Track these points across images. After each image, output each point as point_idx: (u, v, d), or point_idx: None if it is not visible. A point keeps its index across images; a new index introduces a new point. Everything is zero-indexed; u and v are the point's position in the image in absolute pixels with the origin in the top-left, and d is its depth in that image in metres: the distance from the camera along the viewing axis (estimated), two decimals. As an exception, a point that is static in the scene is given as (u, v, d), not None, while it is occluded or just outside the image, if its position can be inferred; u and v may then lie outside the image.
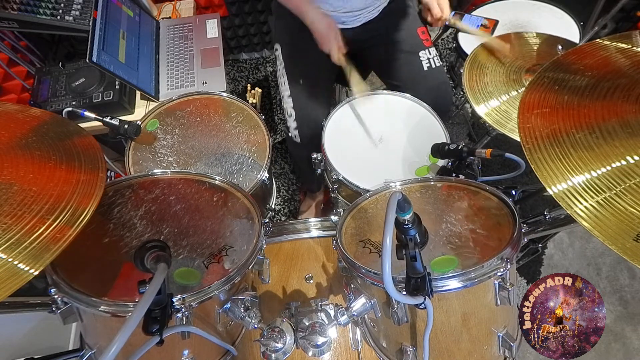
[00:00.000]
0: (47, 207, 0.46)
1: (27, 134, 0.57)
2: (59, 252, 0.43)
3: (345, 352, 0.77)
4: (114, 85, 1.18)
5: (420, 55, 1.14)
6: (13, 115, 0.62)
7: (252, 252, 0.64)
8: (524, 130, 0.56)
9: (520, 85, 1.00)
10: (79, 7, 1.25)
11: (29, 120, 0.61)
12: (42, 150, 0.55)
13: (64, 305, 0.53)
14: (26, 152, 0.53)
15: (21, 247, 0.42)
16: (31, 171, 0.50)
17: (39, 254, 0.42)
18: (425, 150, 0.89)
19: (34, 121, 0.61)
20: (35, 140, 0.56)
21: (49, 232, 0.44)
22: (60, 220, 0.46)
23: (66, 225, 0.45)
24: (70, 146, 0.58)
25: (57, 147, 0.57)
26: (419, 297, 0.48)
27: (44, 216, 0.45)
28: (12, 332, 1.07)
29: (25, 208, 0.45)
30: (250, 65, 2.12)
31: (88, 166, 0.55)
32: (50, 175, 0.51)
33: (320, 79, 1.15)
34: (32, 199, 0.46)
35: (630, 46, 0.62)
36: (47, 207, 0.46)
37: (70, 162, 0.55)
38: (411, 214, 0.48)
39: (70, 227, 0.45)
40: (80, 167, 0.54)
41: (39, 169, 0.51)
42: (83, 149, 0.58)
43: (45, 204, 0.46)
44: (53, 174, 0.51)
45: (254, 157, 0.92)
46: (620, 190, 0.46)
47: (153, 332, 0.45)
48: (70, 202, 0.48)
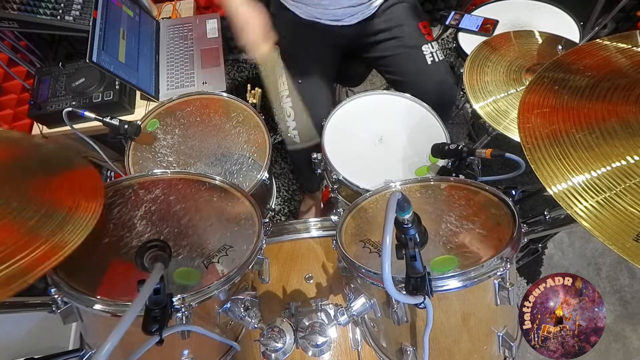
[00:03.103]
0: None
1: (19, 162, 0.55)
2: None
3: (345, 352, 0.77)
4: (114, 85, 1.18)
5: (423, 49, 1.13)
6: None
7: (252, 252, 0.64)
8: (524, 130, 0.56)
9: (520, 85, 1.00)
10: (79, 7, 1.26)
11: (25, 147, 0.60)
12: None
13: (64, 305, 0.53)
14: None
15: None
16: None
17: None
18: (425, 150, 0.89)
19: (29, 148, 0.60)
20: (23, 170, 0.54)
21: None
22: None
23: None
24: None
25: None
26: (418, 296, 0.48)
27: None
28: (12, 332, 1.07)
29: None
30: (250, 65, 2.12)
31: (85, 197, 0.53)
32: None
33: (319, 79, 1.14)
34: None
35: (630, 46, 0.62)
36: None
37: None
38: (411, 213, 0.48)
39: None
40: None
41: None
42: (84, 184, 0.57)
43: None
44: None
45: (254, 157, 0.92)
46: (620, 190, 0.46)
47: (153, 331, 0.45)
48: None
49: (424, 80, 1.12)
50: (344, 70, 1.31)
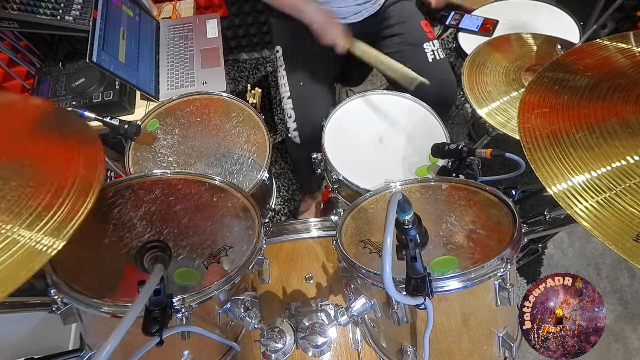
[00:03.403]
0: (58, 183, 0.48)
1: (34, 121, 0.60)
2: (78, 225, 0.44)
3: (345, 352, 0.77)
4: (114, 85, 1.18)
5: (424, 47, 1.13)
6: (16, 105, 0.64)
7: (252, 252, 0.64)
8: (524, 130, 0.56)
9: (519, 85, 1.00)
10: (79, 7, 1.25)
11: (33, 110, 0.63)
12: (46, 136, 0.57)
13: (64, 305, 0.53)
14: (33, 136, 0.56)
15: (43, 222, 0.43)
16: (38, 153, 0.52)
17: (60, 227, 0.43)
18: (425, 150, 0.89)
19: (37, 111, 0.63)
20: (41, 128, 0.59)
21: (65, 206, 0.45)
22: (72, 196, 0.47)
23: (78, 200, 0.47)
24: (70, 133, 0.60)
25: (60, 132, 0.59)
26: (419, 297, 0.48)
27: (57, 191, 0.46)
28: (12, 332, 1.07)
29: (39, 186, 0.46)
30: (250, 65, 2.12)
31: (88, 151, 0.57)
32: (57, 156, 0.53)
33: (320, 80, 1.15)
34: (44, 177, 0.48)
35: (630, 46, 0.62)
36: (57, 184, 0.48)
37: (73, 145, 0.57)
38: (411, 214, 0.48)
39: (83, 201, 0.47)
40: (80, 150, 0.56)
41: (45, 150, 0.54)
42: (82, 136, 0.60)
43: (55, 181, 0.48)
44: (59, 155, 0.53)
45: (254, 157, 0.92)
46: (620, 190, 0.46)
47: (153, 332, 0.45)
48: (76, 179, 0.49)
49: (425, 77, 1.12)
50: (344, 70, 1.32)
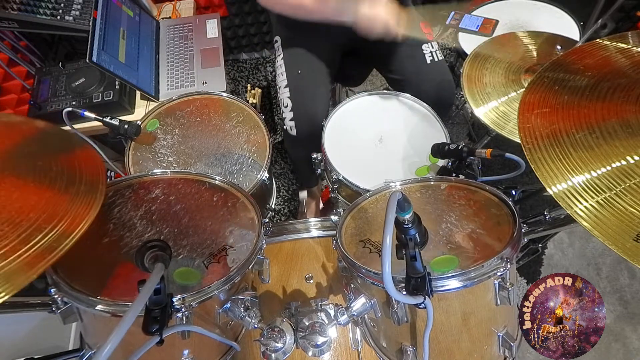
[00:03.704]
0: (32, 229, 0.44)
1: (22, 146, 0.54)
2: (33, 278, 0.41)
3: (345, 352, 0.77)
4: (114, 85, 1.18)
5: (423, 48, 1.13)
6: (12, 125, 0.60)
7: (252, 252, 0.64)
8: (524, 130, 0.56)
9: (519, 86, 1.00)
10: (79, 7, 1.26)
11: (26, 130, 0.59)
12: (34, 166, 0.52)
13: (64, 305, 0.53)
14: (18, 165, 0.51)
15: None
16: (18, 188, 0.47)
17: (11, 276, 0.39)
18: (425, 150, 0.89)
19: (30, 132, 0.60)
20: (28, 153, 0.54)
21: (26, 255, 0.41)
22: (42, 244, 0.43)
23: (46, 250, 0.43)
24: (70, 162, 0.56)
25: (55, 161, 0.54)
26: (418, 296, 0.48)
27: (26, 238, 0.42)
28: (12, 332, 1.07)
29: (6, 228, 0.42)
30: (250, 65, 2.12)
31: (87, 185, 0.53)
32: (40, 194, 0.48)
33: (318, 71, 1.14)
34: (15, 219, 0.43)
35: (630, 46, 0.62)
36: (31, 229, 0.43)
37: (66, 180, 0.52)
38: (411, 213, 0.48)
39: (51, 252, 0.43)
40: (77, 185, 0.52)
41: (27, 185, 0.48)
42: (85, 166, 0.57)
43: (30, 225, 0.44)
44: (43, 193, 0.48)
45: (254, 157, 0.92)
46: (620, 190, 0.46)
47: (153, 332, 0.45)
48: (58, 224, 0.46)
49: (423, 79, 1.12)
50: (344, 70, 1.31)
